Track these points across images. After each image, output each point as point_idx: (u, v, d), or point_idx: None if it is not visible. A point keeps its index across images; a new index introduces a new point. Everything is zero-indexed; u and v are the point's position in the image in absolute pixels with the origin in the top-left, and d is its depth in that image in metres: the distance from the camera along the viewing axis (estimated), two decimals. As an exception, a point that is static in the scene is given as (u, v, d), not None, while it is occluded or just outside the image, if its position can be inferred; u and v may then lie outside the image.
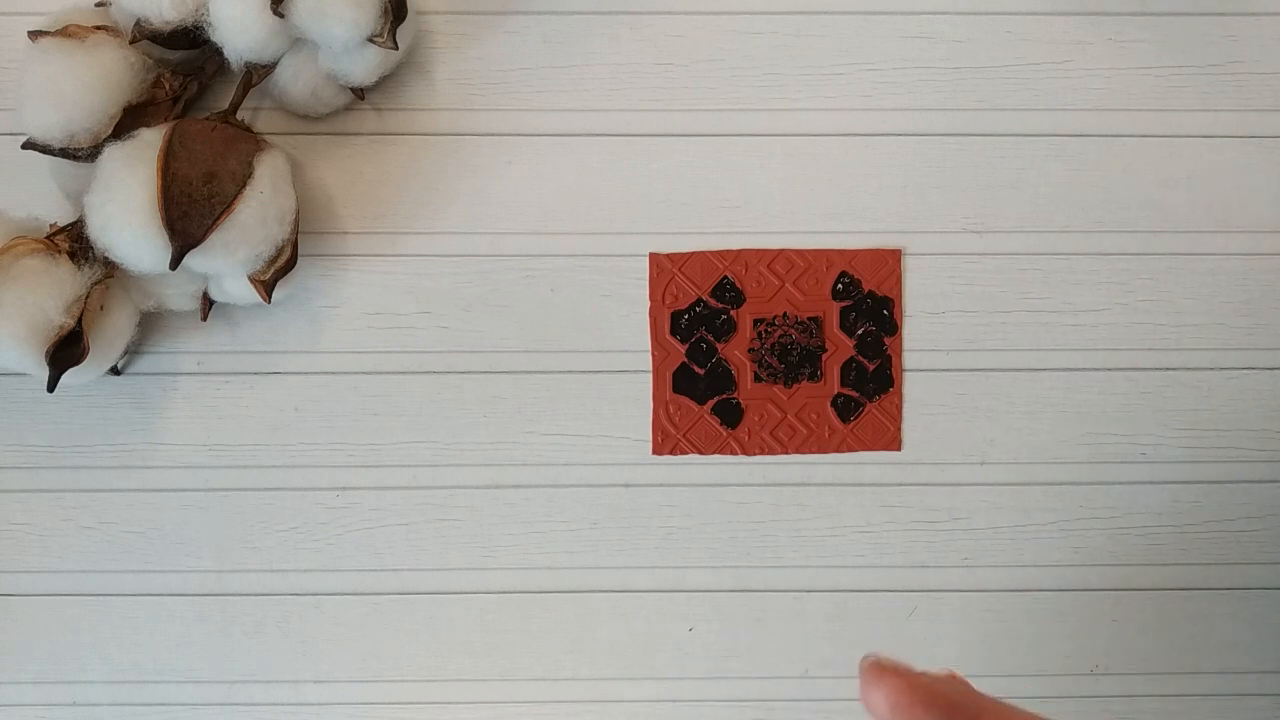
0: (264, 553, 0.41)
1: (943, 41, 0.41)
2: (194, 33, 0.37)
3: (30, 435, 0.41)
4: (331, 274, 0.41)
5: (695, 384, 0.41)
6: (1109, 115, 0.42)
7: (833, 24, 0.41)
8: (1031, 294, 0.41)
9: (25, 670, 0.41)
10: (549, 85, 0.41)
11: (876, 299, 0.41)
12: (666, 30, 0.41)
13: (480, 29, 0.41)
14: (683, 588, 0.41)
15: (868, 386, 0.41)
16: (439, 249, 0.41)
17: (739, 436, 0.41)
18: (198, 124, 0.37)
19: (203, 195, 0.36)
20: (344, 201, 0.41)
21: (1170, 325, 0.41)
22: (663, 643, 0.41)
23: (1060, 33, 0.41)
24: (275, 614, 0.41)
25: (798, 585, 0.41)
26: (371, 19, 0.37)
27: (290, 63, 0.39)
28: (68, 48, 0.37)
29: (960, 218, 0.41)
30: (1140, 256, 0.41)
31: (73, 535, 0.41)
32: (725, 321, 0.41)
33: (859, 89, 0.41)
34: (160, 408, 0.41)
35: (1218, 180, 0.42)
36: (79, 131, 0.37)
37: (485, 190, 0.41)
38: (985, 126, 0.41)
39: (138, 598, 0.41)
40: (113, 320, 0.38)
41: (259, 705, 0.41)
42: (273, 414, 0.41)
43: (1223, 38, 0.42)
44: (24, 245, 0.36)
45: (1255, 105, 0.42)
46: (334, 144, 0.41)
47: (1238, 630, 0.40)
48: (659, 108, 0.41)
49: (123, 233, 0.35)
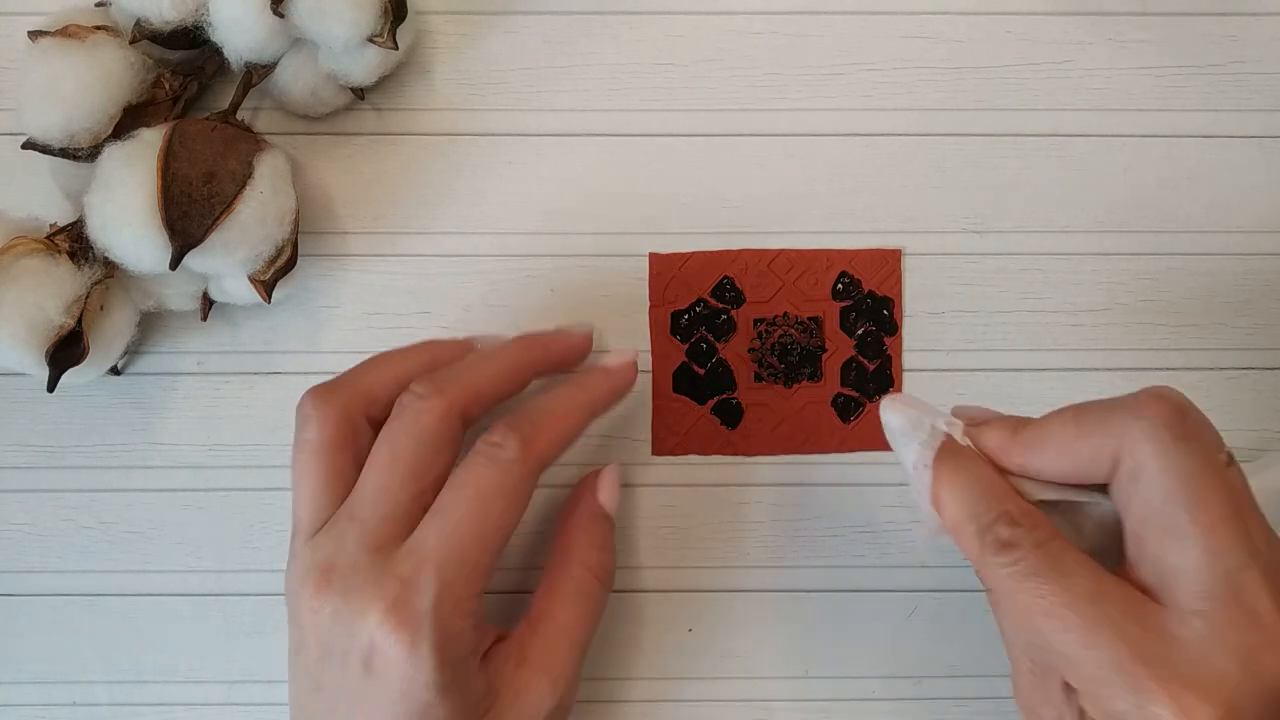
0: (264, 552, 0.41)
1: (943, 42, 0.41)
2: (194, 33, 0.37)
3: (30, 435, 0.41)
4: (331, 274, 0.41)
5: (695, 384, 0.41)
6: (1109, 115, 0.42)
7: (833, 24, 0.41)
8: (1031, 294, 0.41)
9: (25, 670, 0.41)
10: (549, 85, 0.41)
11: (876, 299, 0.41)
12: (666, 30, 0.41)
13: (480, 29, 0.41)
14: (683, 588, 0.41)
15: (868, 386, 0.41)
16: (439, 249, 0.41)
17: (739, 436, 0.41)
18: (198, 124, 0.37)
19: (203, 195, 0.36)
20: (344, 201, 0.41)
21: (1170, 325, 0.41)
22: (663, 643, 0.41)
23: (1060, 33, 0.41)
24: (276, 614, 0.41)
25: (797, 585, 0.41)
26: (371, 19, 0.37)
27: (290, 63, 0.39)
28: (68, 48, 0.37)
29: (960, 218, 0.41)
30: (1140, 256, 0.41)
31: (72, 535, 0.41)
32: (725, 321, 0.41)
33: (859, 89, 0.41)
34: (160, 407, 0.41)
35: (1218, 180, 0.42)
36: (79, 131, 0.37)
37: (485, 190, 0.41)
38: (985, 126, 0.41)
39: (138, 597, 0.41)
40: (113, 320, 0.38)
41: (259, 705, 0.41)
42: (273, 414, 0.41)
43: (1223, 38, 0.42)
44: (24, 245, 0.36)
45: (1255, 105, 0.42)
46: (334, 144, 0.41)
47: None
48: (659, 108, 0.41)
49: (123, 232, 0.35)
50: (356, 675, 0.31)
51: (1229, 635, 0.26)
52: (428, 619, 0.30)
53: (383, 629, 0.30)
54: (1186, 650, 0.26)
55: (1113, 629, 0.26)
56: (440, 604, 0.30)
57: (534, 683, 0.33)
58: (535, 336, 0.37)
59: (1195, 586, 0.26)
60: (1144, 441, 0.27)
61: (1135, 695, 0.26)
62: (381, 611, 0.30)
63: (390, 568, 0.31)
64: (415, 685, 0.30)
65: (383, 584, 0.30)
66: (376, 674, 0.31)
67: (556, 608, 0.35)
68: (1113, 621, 0.26)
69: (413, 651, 0.30)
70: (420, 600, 0.30)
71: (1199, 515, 0.26)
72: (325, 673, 0.32)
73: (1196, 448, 0.27)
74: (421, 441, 0.32)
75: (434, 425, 0.33)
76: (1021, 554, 0.28)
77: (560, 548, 0.37)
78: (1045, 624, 0.27)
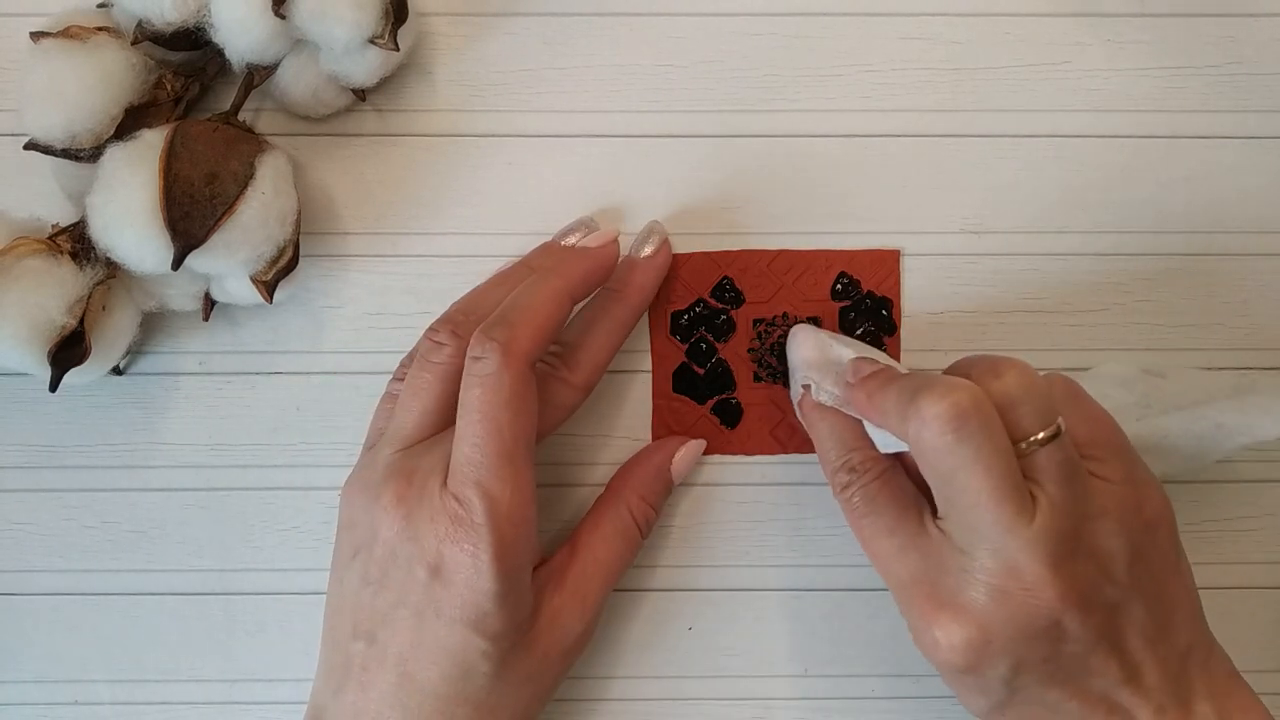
0: (266, 552, 0.41)
1: (942, 43, 0.42)
2: (196, 34, 0.38)
3: (32, 435, 0.41)
4: (333, 274, 0.41)
5: (695, 384, 0.41)
6: (1108, 116, 0.42)
7: (832, 25, 0.42)
8: (1030, 295, 0.41)
9: (27, 669, 0.41)
10: (550, 86, 0.41)
11: (876, 299, 0.41)
12: (666, 31, 0.41)
13: (481, 30, 0.41)
14: (682, 587, 0.41)
15: (867, 386, 0.41)
16: (439, 249, 0.41)
17: (739, 436, 0.41)
18: (199, 125, 0.37)
19: (204, 196, 0.36)
20: (345, 202, 0.41)
21: (1168, 325, 0.41)
22: (662, 642, 0.41)
23: (1059, 34, 0.42)
24: (277, 613, 0.41)
25: (797, 584, 0.41)
26: (373, 21, 0.37)
27: (291, 64, 0.39)
28: (69, 49, 0.37)
29: (959, 218, 0.41)
30: (1139, 257, 0.42)
31: (75, 534, 0.41)
32: (725, 321, 0.41)
33: (858, 90, 0.41)
34: (162, 407, 0.41)
35: (1217, 180, 0.42)
36: (81, 132, 0.37)
37: (486, 191, 0.41)
38: (984, 127, 0.42)
39: (139, 596, 0.41)
40: (114, 320, 0.38)
41: (261, 704, 0.41)
42: (274, 413, 0.41)
43: (1221, 39, 0.42)
44: (26, 246, 0.36)
45: (1254, 106, 0.42)
46: (335, 145, 0.41)
47: (1237, 630, 0.40)
48: (659, 109, 0.41)
49: (125, 233, 0.36)
50: (422, 580, 0.33)
51: (986, 576, 0.31)
52: (484, 531, 0.33)
53: (449, 540, 0.33)
54: (952, 580, 0.32)
55: (897, 558, 0.34)
56: (493, 515, 0.33)
57: (568, 608, 0.36)
58: (564, 265, 0.38)
59: (969, 539, 0.32)
60: (919, 441, 0.32)
61: (909, 610, 0.33)
62: (448, 523, 0.33)
63: (450, 490, 0.34)
64: (477, 593, 0.33)
65: (447, 502, 0.33)
66: (443, 581, 0.33)
67: (598, 542, 0.37)
68: (899, 551, 0.34)
69: (474, 560, 0.33)
70: (474, 515, 0.33)
71: (965, 496, 0.31)
72: (389, 573, 0.34)
73: (968, 446, 0.31)
74: (511, 405, 0.34)
75: (513, 386, 0.34)
76: (852, 493, 0.35)
77: (614, 490, 0.39)
78: (865, 549, 0.35)
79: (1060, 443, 0.32)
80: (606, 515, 0.38)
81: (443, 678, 0.34)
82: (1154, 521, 0.33)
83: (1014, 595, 0.31)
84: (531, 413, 0.34)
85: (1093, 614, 0.31)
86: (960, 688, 0.34)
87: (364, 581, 0.35)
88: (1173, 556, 0.34)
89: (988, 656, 0.32)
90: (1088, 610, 0.31)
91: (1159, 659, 0.32)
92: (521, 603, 0.34)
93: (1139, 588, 0.32)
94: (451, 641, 0.33)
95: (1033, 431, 0.31)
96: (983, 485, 0.31)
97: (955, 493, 0.31)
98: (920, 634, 0.33)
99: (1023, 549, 0.31)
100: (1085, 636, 0.31)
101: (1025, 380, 0.32)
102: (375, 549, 0.34)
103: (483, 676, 0.34)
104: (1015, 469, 0.31)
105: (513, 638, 0.34)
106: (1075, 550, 0.31)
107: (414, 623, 0.34)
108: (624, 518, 0.38)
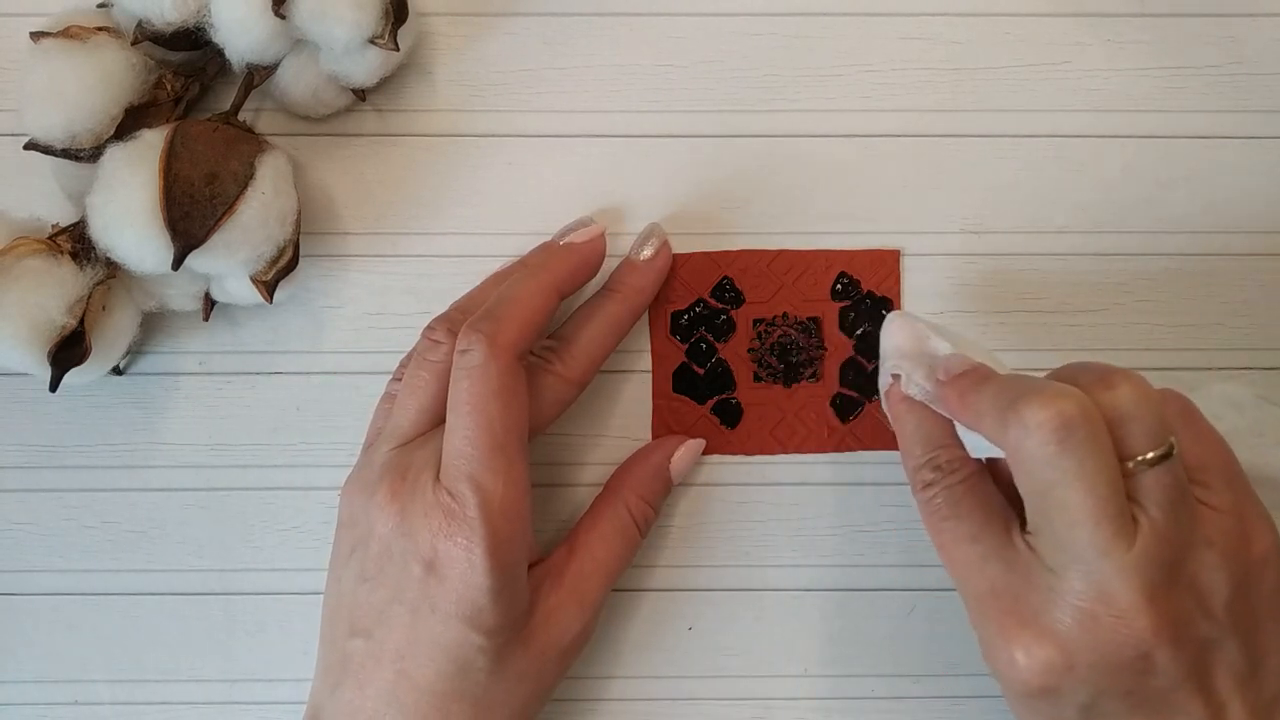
0: (266, 552, 0.41)
1: (941, 43, 0.42)
2: (196, 34, 0.38)
3: (32, 435, 0.41)
4: (333, 274, 0.41)
5: (695, 384, 0.41)
6: (1107, 116, 0.42)
7: (832, 25, 0.42)
8: (1030, 295, 0.41)
9: (26, 669, 0.41)
10: (550, 87, 0.41)
11: (876, 299, 0.41)
12: (666, 32, 0.41)
13: (481, 30, 0.41)
14: (682, 587, 0.41)
15: (867, 387, 0.41)
16: (440, 249, 0.41)
17: (739, 436, 0.41)
18: (199, 125, 0.37)
19: (204, 196, 0.36)
20: (345, 202, 0.41)
21: (1167, 325, 0.41)
22: (662, 642, 0.41)
23: (1059, 34, 0.42)
24: (277, 613, 0.41)
25: (797, 584, 0.41)
26: (373, 21, 0.37)
27: (291, 64, 0.39)
28: (69, 49, 0.37)
29: (959, 218, 0.41)
30: (1138, 257, 0.42)
31: (75, 534, 0.41)
32: (725, 321, 0.41)
33: (858, 90, 0.41)
34: (162, 407, 0.41)
35: (1217, 180, 0.42)
36: (81, 132, 0.37)
37: (486, 191, 0.41)
38: (984, 127, 0.42)
39: (139, 596, 0.41)
40: (115, 320, 0.38)
41: (261, 704, 0.41)
42: (274, 413, 0.41)
43: (1222, 38, 0.42)
44: (26, 246, 0.36)
45: (1255, 106, 0.42)
46: (335, 145, 0.41)
47: None
48: (659, 109, 0.41)
49: (125, 233, 0.36)
50: (417, 576, 0.33)
51: (1075, 599, 0.30)
52: (477, 524, 0.33)
53: (443, 534, 0.33)
54: (1038, 599, 0.30)
55: (978, 568, 0.32)
56: (486, 509, 0.33)
57: (566, 607, 0.36)
58: (551, 260, 0.38)
59: (1063, 559, 0.30)
60: (1019, 449, 0.30)
61: (984, 624, 0.32)
62: (441, 517, 0.33)
63: (443, 484, 0.33)
64: (471, 588, 0.33)
65: (440, 496, 0.33)
66: (437, 576, 0.33)
67: (596, 541, 0.37)
68: (980, 560, 0.32)
69: (468, 554, 0.33)
70: (467, 509, 0.33)
71: (1064, 514, 0.30)
72: (385, 569, 0.34)
73: (1071, 459, 0.29)
74: (500, 397, 0.34)
75: (500, 377, 0.34)
76: (934, 493, 0.33)
77: (613, 488, 0.39)
78: (941, 554, 0.33)
79: (1170, 465, 0.30)
80: (605, 514, 0.38)
81: (439, 674, 0.34)
82: (1262, 559, 0.31)
83: (1103, 621, 0.29)
84: (522, 405, 0.34)
85: (1184, 649, 0.30)
86: (1027, 711, 0.32)
87: (360, 578, 0.35)
88: (1277, 598, 0.31)
89: (1068, 682, 0.30)
90: (1179, 645, 0.30)
91: (1246, 702, 0.30)
92: (517, 598, 0.34)
93: (1236, 626, 0.30)
94: (447, 637, 0.33)
95: (1142, 450, 0.30)
96: (1083, 503, 0.29)
97: (1052, 508, 0.30)
98: (995, 650, 0.31)
99: (1118, 574, 0.29)
100: (1173, 671, 0.30)
101: (1139, 395, 0.30)
102: (371, 545, 0.34)
103: (479, 673, 0.34)
104: (1119, 489, 0.29)
105: (508, 634, 0.34)
106: (1174, 581, 0.30)
107: (410, 619, 0.34)
108: (623, 517, 0.38)
